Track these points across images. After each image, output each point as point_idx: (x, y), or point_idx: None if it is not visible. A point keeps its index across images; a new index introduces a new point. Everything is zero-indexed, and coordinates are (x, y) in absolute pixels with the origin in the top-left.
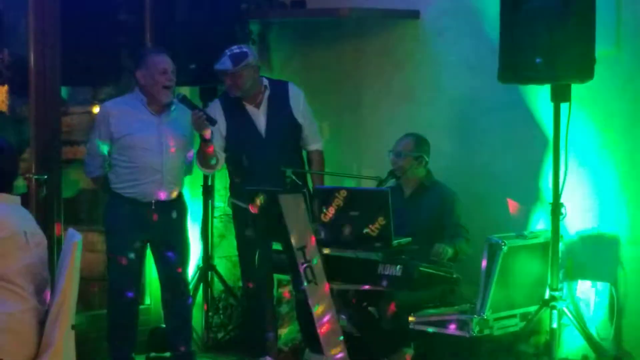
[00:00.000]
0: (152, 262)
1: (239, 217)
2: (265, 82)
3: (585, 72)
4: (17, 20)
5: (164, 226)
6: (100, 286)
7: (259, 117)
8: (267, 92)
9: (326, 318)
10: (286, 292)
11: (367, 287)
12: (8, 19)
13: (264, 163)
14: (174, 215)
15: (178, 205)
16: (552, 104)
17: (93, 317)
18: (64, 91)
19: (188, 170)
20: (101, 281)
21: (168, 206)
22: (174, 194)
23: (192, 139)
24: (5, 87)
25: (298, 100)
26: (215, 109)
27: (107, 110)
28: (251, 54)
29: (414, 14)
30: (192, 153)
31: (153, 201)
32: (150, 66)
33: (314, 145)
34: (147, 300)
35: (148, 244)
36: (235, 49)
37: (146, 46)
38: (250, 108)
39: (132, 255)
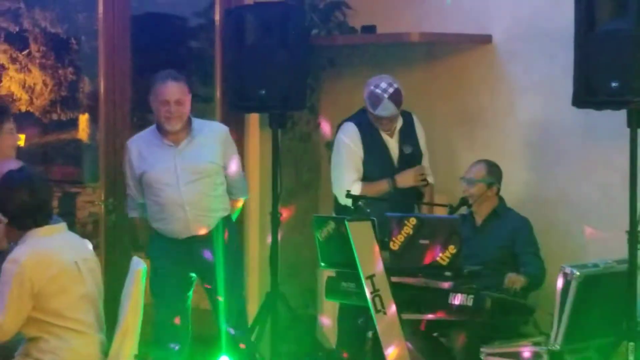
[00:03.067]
0: None
1: None
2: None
3: None
4: (96, 50)
5: (206, 259)
6: None
7: (393, 145)
8: (401, 122)
9: (394, 348)
10: None
11: (437, 316)
12: (86, 47)
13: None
14: (217, 244)
15: (218, 234)
16: (628, 130)
17: None
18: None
19: (238, 191)
20: None
21: (209, 239)
22: (211, 225)
23: (224, 160)
24: (86, 116)
25: (422, 131)
26: (353, 133)
27: (128, 148)
28: (402, 89)
29: (486, 38)
30: (233, 170)
31: (188, 237)
32: (154, 95)
33: (430, 178)
34: None
35: (194, 278)
36: (389, 88)
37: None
38: (385, 136)
39: (175, 295)
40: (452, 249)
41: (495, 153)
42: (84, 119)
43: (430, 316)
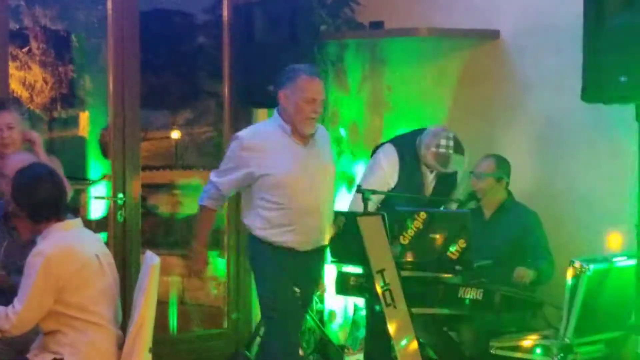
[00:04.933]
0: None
1: None
2: None
3: None
4: (97, 47)
5: (316, 272)
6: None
7: (430, 180)
8: None
9: (405, 342)
10: None
11: (447, 310)
12: (88, 45)
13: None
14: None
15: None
16: (637, 124)
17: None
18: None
19: None
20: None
21: (324, 251)
22: (331, 235)
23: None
24: (87, 113)
25: (460, 169)
26: (393, 162)
27: (243, 144)
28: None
29: (494, 34)
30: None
31: (310, 249)
32: (296, 89)
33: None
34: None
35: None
36: (450, 142)
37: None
38: (425, 170)
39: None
40: (462, 243)
41: (504, 147)
42: (84, 117)
43: (440, 310)
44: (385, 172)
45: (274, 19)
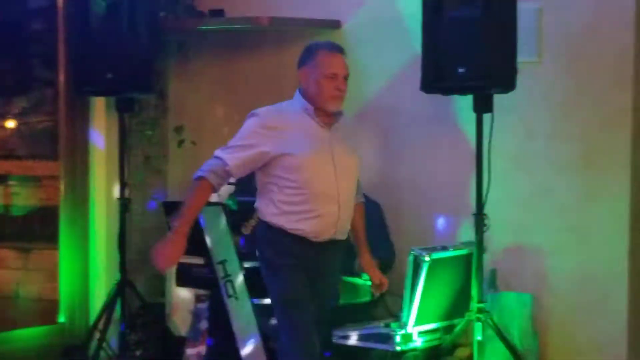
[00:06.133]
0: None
1: None
2: None
3: (507, 82)
4: None
5: (331, 269)
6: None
7: None
8: None
9: (247, 334)
10: None
11: None
12: None
13: None
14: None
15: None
16: (475, 114)
17: None
18: None
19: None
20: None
21: (341, 244)
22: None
23: None
24: None
25: None
26: None
27: (263, 121)
28: None
29: (335, 24)
30: None
31: (327, 240)
32: (317, 65)
33: None
34: (62, 318)
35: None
36: None
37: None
38: None
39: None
40: None
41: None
42: None
43: None
44: None
45: (111, 5)
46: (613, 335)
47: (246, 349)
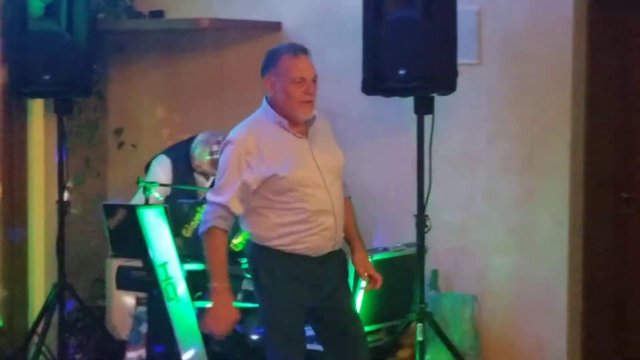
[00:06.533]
0: None
1: None
2: None
3: (448, 83)
4: None
5: (332, 280)
6: None
7: (208, 187)
8: None
9: (188, 337)
10: None
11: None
12: None
13: None
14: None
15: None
16: (416, 116)
17: None
18: None
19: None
20: None
21: (339, 253)
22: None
23: None
24: None
25: None
26: (167, 171)
27: (238, 150)
28: None
29: (276, 26)
30: None
31: (325, 253)
32: (282, 71)
33: None
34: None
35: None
36: None
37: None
38: (200, 179)
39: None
40: (245, 235)
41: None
42: None
43: None
44: (162, 181)
45: (49, 5)
46: (554, 335)
47: (187, 354)
